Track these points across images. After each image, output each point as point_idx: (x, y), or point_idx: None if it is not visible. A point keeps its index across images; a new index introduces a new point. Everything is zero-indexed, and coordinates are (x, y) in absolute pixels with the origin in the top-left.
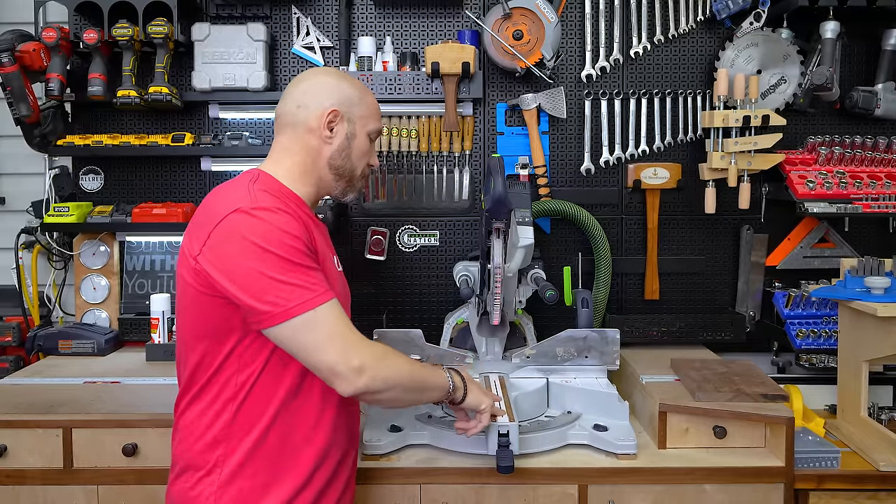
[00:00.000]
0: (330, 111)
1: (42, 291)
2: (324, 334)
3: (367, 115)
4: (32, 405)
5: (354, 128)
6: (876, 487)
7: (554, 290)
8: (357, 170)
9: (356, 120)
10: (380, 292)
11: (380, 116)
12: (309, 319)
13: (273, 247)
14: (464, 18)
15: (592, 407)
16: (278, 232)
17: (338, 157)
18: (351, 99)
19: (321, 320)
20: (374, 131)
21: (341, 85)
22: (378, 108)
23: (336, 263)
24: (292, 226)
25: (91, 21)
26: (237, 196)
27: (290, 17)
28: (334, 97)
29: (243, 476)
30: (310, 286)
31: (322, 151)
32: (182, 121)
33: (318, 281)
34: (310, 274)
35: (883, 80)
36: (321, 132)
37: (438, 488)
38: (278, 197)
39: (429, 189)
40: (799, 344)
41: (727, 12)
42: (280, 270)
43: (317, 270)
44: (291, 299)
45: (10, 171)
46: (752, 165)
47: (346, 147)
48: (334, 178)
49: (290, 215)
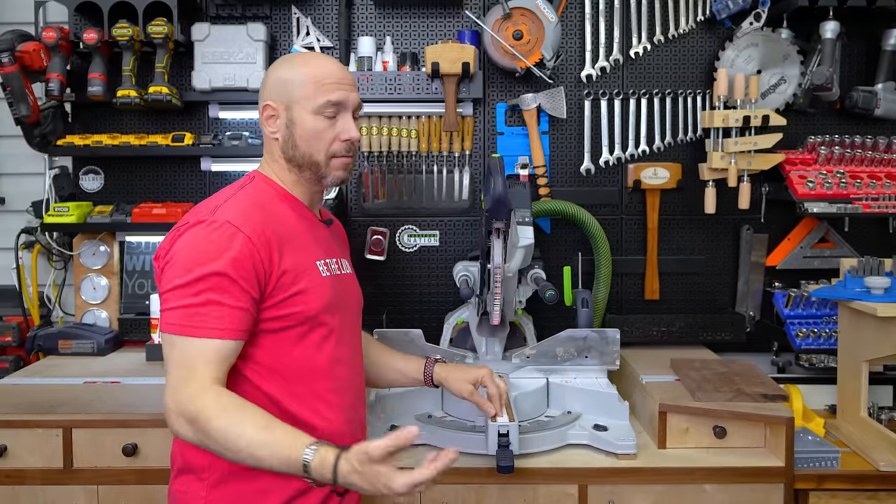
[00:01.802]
0: (263, 108)
1: (42, 291)
2: (175, 363)
3: (308, 95)
4: (32, 405)
5: (292, 114)
6: (876, 487)
7: (554, 290)
8: (316, 154)
9: (293, 105)
10: (380, 292)
11: (333, 87)
12: (174, 342)
13: (195, 262)
14: (464, 18)
15: (592, 407)
16: (211, 251)
17: (287, 148)
18: (284, 85)
19: (182, 350)
20: (324, 105)
21: (276, 73)
22: (328, 78)
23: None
24: (234, 248)
25: (91, 21)
26: (212, 204)
27: (290, 17)
28: (268, 90)
29: (239, 478)
30: (199, 315)
31: (274, 148)
32: (182, 121)
33: (213, 315)
34: (209, 304)
35: (883, 80)
36: (266, 129)
37: (438, 488)
38: (251, 208)
39: (429, 189)
40: (799, 344)
41: (727, 12)
42: (185, 286)
43: (223, 306)
44: (172, 317)
45: (10, 171)
46: (752, 165)
47: (290, 136)
48: (298, 170)
49: (241, 235)
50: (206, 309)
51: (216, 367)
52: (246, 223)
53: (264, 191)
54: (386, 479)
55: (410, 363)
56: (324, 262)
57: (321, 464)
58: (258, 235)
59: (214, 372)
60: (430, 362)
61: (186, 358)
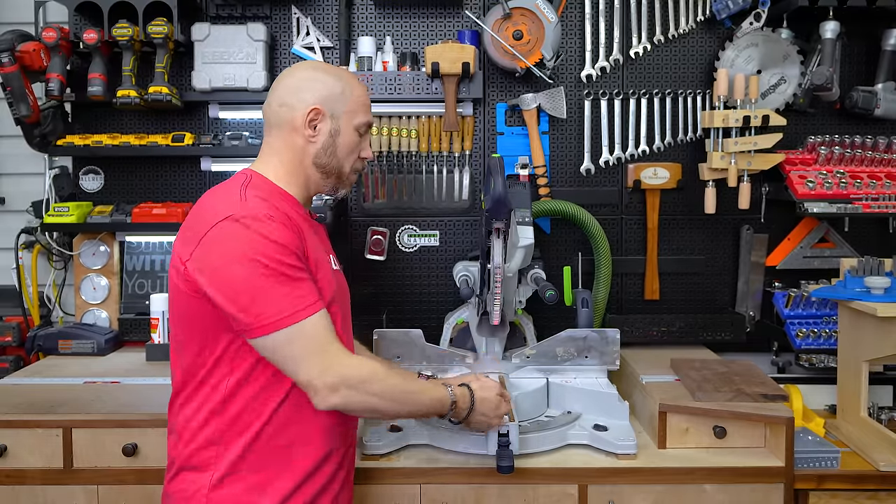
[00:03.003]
0: (311, 109)
1: (42, 291)
2: (303, 349)
3: (354, 109)
4: (32, 405)
5: (339, 123)
6: (876, 487)
7: (554, 290)
8: (345, 166)
9: (340, 115)
10: (380, 292)
11: (369, 108)
12: (291, 333)
13: (261, 257)
14: (464, 18)
15: (592, 407)
16: (267, 243)
17: (323, 155)
18: (334, 94)
19: (303, 334)
20: (363, 124)
21: (324, 80)
22: (366, 99)
23: (332, 262)
24: (283, 235)
25: (91, 21)
26: (230, 202)
27: (290, 17)
28: (316, 94)
29: (237, 477)
30: (295, 298)
31: (307, 150)
32: (182, 121)
33: (304, 293)
34: (297, 286)
35: (883, 80)
36: (304, 131)
37: (438, 488)
38: (270, 201)
39: (429, 189)
40: (799, 344)
41: (727, 12)
42: (266, 282)
43: (305, 281)
44: (275, 313)
45: (10, 171)
46: (752, 165)
47: (331, 145)
48: (322, 177)
49: (280, 223)
50: (300, 290)
51: (335, 335)
52: (275, 216)
53: (267, 189)
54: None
55: None
56: (332, 256)
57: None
58: (287, 224)
59: (340, 342)
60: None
61: (313, 341)
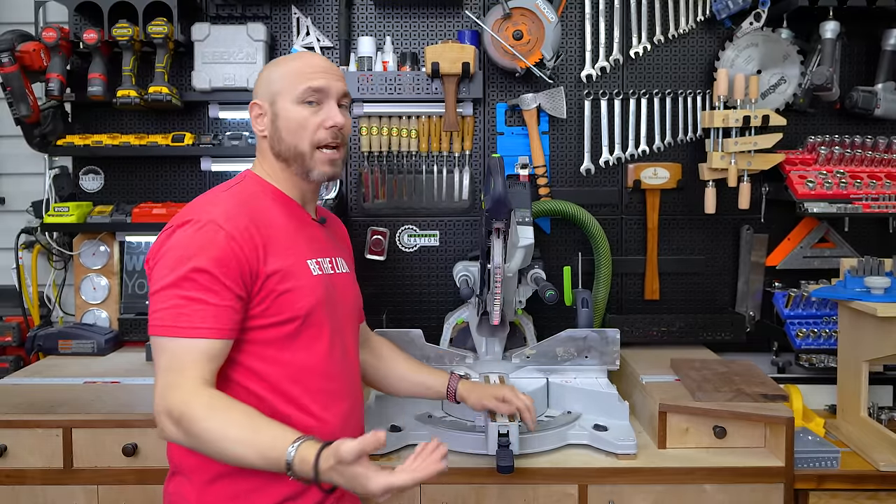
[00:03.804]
0: (251, 107)
1: (42, 291)
2: (162, 365)
3: (287, 86)
4: (32, 405)
5: (276, 108)
6: (876, 487)
7: (554, 290)
8: (300, 145)
9: (276, 99)
10: (380, 292)
11: (310, 74)
12: (162, 344)
13: (179, 262)
14: (464, 18)
15: (592, 407)
16: (194, 249)
17: (275, 144)
18: (268, 81)
19: (168, 351)
20: (303, 92)
21: (264, 73)
22: (306, 67)
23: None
24: (218, 247)
25: (91, 21)
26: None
27: (290, 17)
28: (256, 91)
29: (229, 479)
30: (183, 314)
31: (264, 146)
32: (182, 121)
33: (197, 313)
34: (193, 304)
35: (883, 80)
36: (256, 129)
37: (438, 488)
38: (237, 207)
39: (429, 189)
40: (799, 344)
41: (727, 12)
42: (171, 287)
43: (208, 304)
44: (158, 318)
45: (10, 171)
46: (752, 165)
47: (275, 130)
48: (286, 166)
49: (225, 234)
50: (192, 308)
51: (204, 368)
52: (230, 222)
53: (253, 189)
54: (363, 480)
55: (435, 377)
56: (315, 261)
57: (302, 462)
58: (242, 233)
59: (203, 372)
60: (455, 378)
61: (175, 359)
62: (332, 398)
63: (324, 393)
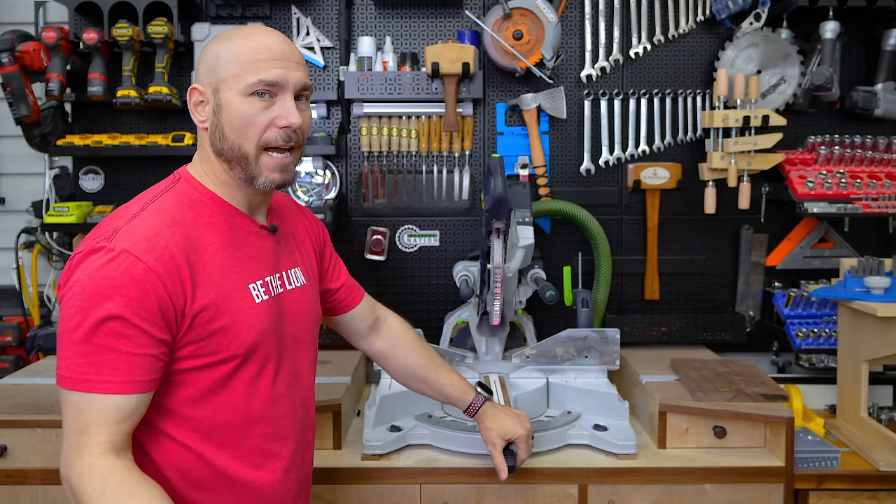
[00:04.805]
0: (190, 92)
1: (42, 291)
2: (68, 424)
3: (237, 72)
4: (33, 405)
5: (220, 97)
6: (876, 487)
7: (554, 290)
8: (245, 145)
9: (220, 86)
10: (380, 292)
11: (267, 63)
12: (70, 397)
13: (87, 303)
14: (464, 18)
15: (592, 407)
16: (105, 289)
17: (216, 140)
18: (213, 63)
19: (75, 405)
20: (253, 85)
21: (206, 52)
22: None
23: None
24: (133, 285)
25: (91, 21)
26: (114, 223)
27: (290, 17)
28: (198, 71)
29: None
30: (91, 365)
31: (204, 140)
32: (182, 121)
33: (109, 366)
34: (105, 352)
35: (883, 80)
36: (195, 118)
37: (438, 488)
38: (160, 227)
39: (429, 189)
40: (799, 344)
41: (727, 12)
42: (75, 331)
43: (121, 353)
44: (65, 367)
45: (10, 171)
46: (752, 165)
47: (217, 124)
48: (228, 166)
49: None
50: (101, 358)
51: (114, 430)
52: (150, 252)
53: (185, 199)
54: None
55: (455, 388)
56: (261, 283)
57: None
58: (165, 265)
59: (111, 436)
60: (480, 399)
61: (80, 418)
62: (278, 443)
63: (268, 438)
